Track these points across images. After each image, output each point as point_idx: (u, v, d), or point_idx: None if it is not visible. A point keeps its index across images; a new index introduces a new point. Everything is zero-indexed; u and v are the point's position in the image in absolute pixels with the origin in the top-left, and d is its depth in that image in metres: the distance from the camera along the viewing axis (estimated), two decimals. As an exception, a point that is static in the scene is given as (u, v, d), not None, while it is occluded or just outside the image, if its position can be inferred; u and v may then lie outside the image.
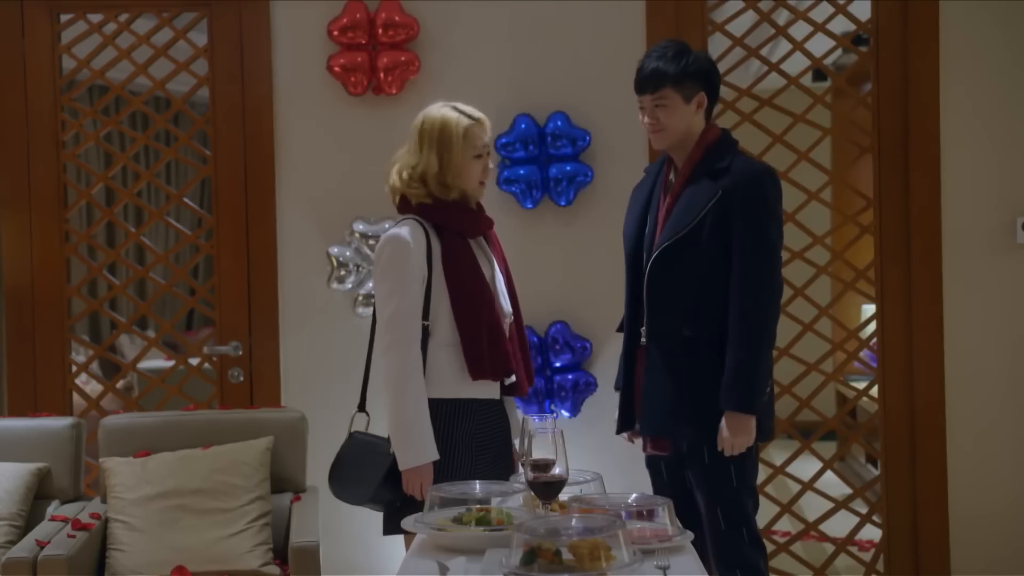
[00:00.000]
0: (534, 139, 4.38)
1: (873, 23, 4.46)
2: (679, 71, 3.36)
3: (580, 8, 4.44)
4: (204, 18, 4.58)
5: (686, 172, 3.38)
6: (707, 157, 3.37)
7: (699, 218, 3.29)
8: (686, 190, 3.36)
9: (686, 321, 3.32)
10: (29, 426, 4.14)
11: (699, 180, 3.34)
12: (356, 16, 4.40)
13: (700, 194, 3.32)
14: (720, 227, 3.28)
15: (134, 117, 8.23)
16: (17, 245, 4.59)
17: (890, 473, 4.49)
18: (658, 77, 3.36)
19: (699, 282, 3.31)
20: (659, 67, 3.36)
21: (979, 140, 4.43)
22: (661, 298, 3.35)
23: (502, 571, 2.22)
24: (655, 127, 3.39)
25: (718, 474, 3.31)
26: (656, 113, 3.37)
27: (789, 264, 4.51)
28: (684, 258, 3.30)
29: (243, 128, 4.55)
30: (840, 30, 4.63)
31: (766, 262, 3.32)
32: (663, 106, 3.36)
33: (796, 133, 4.55)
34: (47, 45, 4.58)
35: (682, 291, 3.32)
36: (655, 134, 3.41)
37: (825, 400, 6.24)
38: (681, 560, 2.46)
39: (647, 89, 3.38)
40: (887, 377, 4.49)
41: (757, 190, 3.32)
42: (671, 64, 3.36)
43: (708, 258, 3.29)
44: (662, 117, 3.37)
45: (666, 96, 3.36)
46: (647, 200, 3.49)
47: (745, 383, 3.24)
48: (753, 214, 3.29)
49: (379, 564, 4.39)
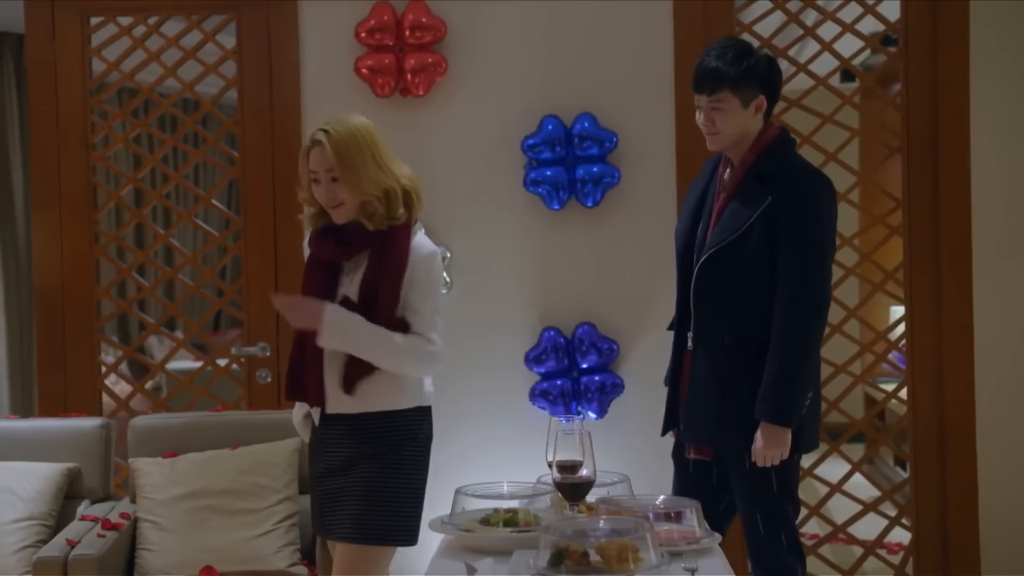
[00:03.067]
0: (561, 140, 4.38)
1: (902, 23, 4.44)
2: (739, 74, 3.24)
3: (607, 9, 4.44)
4: (232, 20, 4.60)
5: (739, 174, 3.30)
6: (761, 160, 3.28)
7: (747, 224, 3.20)
8: (737, 194, 3.27)
9: (730, 329, 3.26)
10: (59, 426, 4.17)
11: (750, 184, 3.26)
12: (383, 18, 4.40)
13: (750, 199, 3.23)
14: (768, 234, 3.19)
15: (163, 119, 8.28)
16: (48, 247, 4.62)
17: (919, 475, 4.46)
18: (716, 78, 3.24)
19: (746, 289, 3.23)
20: (719, 68, 3.24)
21: (1009, 140, 4.39)
22: (707, 303, 3.28)
23: (530, 572, 2.22)
24: (710, 129, 3.30)
25: (759, 480, 3.25)
26: (712, 115, 3.27)
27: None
28: (731, 265, 3.23)
29: (271, 130, 4.57)
30: (869, 30, 4.60)
31: (815, 272, 3.20)
32: (719, 109, 3.26)
33: (824, 134, 4.53)
34: (78, 48, 4.61)
35: (728, 298, 3.25)
36: (710, 136, 3.32)
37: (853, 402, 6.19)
38: (709, 562, 2.46)
39: (704, 89, 3.27)
40: (916, 379, 4.46)
41: (808, 198, 3.22)
42: (731, 66, 3.23)
43: (754, 266, 3.21)
44: (717, 120, 3.27)
45: (723, 99, 3.25)
46: (701, 198, 3.41)
47: (781, 395, 3.17)
48: (803, 223, 3.20)
49: (407, 564, 4.38)
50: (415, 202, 3.15)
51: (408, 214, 3.13)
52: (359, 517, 3.04)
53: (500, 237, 4.48)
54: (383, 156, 3.11)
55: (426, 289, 3.11)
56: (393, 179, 3.10)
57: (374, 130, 3.15)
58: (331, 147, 3.04)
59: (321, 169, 3.06)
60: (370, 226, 3.08)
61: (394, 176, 3.10)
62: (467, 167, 4.50)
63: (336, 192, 3.06)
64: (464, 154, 4.50)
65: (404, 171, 3.16)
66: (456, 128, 4.49)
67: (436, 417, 4.45)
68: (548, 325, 4.42)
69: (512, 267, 4.50)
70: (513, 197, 4.46)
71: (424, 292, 3.10)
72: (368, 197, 3.06)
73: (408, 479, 3.11)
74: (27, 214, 7.41)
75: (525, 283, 4.48)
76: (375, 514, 3.04)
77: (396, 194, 3.09)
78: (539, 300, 4.46)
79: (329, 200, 3.08)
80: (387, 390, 3.10)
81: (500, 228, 4.48)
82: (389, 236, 3.08)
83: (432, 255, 3.14)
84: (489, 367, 4.47)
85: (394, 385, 3.11)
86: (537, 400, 4.41)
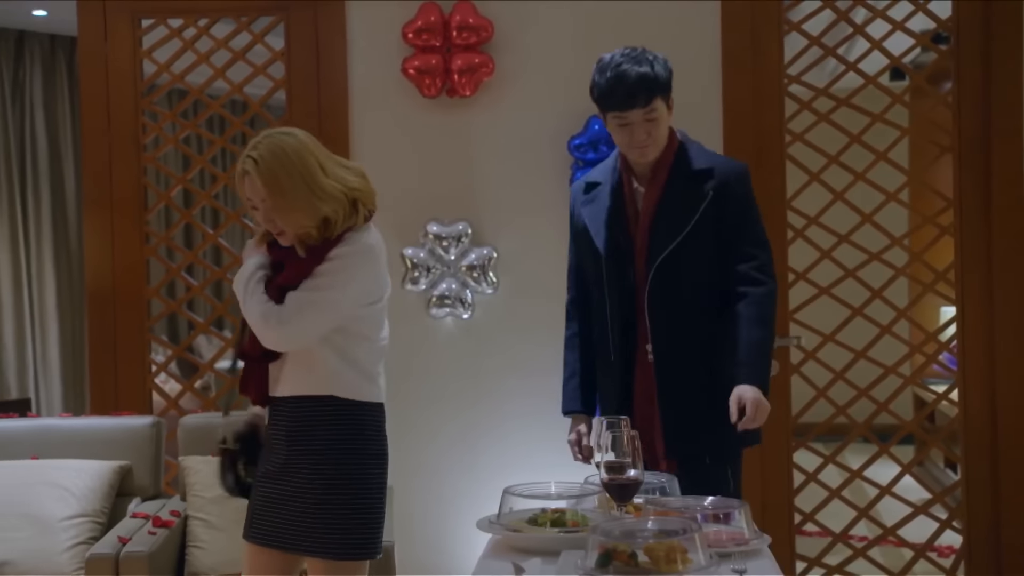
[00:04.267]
0: (607, 140, 4.37)
1: (954, 21, 4.39)
2: (667, 78, 3.10)
3: (654, 9, 4.42)
4: (281, 22, 4.63)
5: (662, 178, 3.15)
6: (679, 160, 3.16)
7: (694, 222, 3.09)
8: (667, 195, 3.13)
9: (696, 328, 3.13)
10: (111, 425, 4.22)
11: (680, 183, 3.14)
12: (431, 18, 4.42)
13: (687, 198, 3.12)
14: (714, 228, 3.11)
15: (212, 120, 8.38)
16: (99, 247, 4.67)
17: (971, 478, 4.41)
18: (650, 87, 3.06)
19: (700, 287, 3.13)
20: (647, 74, 3.06)
21: (1063, 139, 4.34)
22: (667, 309, 3.12)
23: (578, 573, 2.21)
24: (645, 141, 3.10)
25: (717, 477, 3.10)
26: (648, 127, 3.08)
27: (867, 266, 4.47)
28: (683, 265, 3.10)
29: (319, 130, 4.58)
30: (919, 28, 4.56)
31: (767, 253, 3.17)
32: (653, 119, 3.08)
33: (874, 133, 4.50)
34: (129, 50, 4.66)
35: (687, 298, 3.12)
36: (643, 149, 3.11)
37: (902, 403, 6.15)
38: (758, 563, 2.44)
39: (637, 103, 3.05)
40: (967, 380, 4.41)
41: (746, 188, 3.18)
42: (659, 71, 3.08)
43: (706, 261, 3.12)
44: (652, 130, 3.09)
45: (656, 107, 3.07)
46: (611, 212, 3.20)
47: (763, 360, 3.07)
48: (746, 210, 3.16)
49: (453, 564, 4.41)
50: (362, 208, 2.89)
51: (351, 222, 2.86)
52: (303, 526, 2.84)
53: (546, 237, 4.47)
54: (318, 178, 2.80)
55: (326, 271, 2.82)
56: (331, 202, 2.81)
57: (306, 147, 2.84)
58: (259, 178, 2.78)
59: (255, 198, 2.81)
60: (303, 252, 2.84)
61: (333, 197, 2.81)
62: (513, 167, 4.50)
63: (274, 221, 2.82)
64: (510, 154, 4.50)
65: (350, 178, 2.88)
66: (503, 128, 4.50)
67: (483, 416, 4.50)
68: (595, 325, 4.41)
69: (559, 267, 4.46)
70: (559, 197, 4.44)
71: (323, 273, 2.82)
72: (303, 229, 2.82)
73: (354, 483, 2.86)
74: (79, 215, 7.51)
75: (572, 283, 4.47)
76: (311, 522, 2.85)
77: (337, 215, 2.82)
78: (586, 300, 4.44)
79: (271, 228, 2.86)
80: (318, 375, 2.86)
81: (547, 228, 4.47)
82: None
83: (362, 247, 2.85)
84: (535, 367, 4.46)
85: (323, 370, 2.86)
86: (583, 400, 4.40)
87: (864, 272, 4.46)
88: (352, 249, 2.84)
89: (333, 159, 2.91)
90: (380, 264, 2.93)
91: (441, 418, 4.53)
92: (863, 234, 4.43)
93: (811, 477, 4.47)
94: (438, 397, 4.53)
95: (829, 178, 4.45)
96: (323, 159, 2.85)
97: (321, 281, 2.81)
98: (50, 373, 7.71)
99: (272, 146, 2.81)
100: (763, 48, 4.41)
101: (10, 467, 3.99)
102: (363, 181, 2.92)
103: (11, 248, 7.51)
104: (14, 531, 3.82)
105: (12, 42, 7.55)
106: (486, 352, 4.52)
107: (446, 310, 4.48)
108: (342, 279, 2.83)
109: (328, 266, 2.82)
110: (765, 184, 4.19)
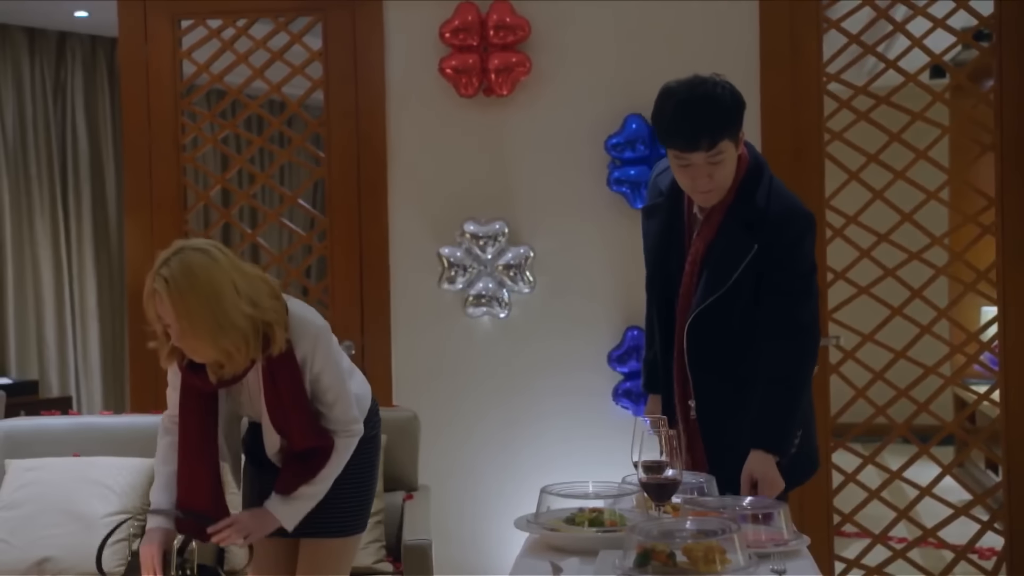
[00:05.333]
0: (645, 139, 4.36)
1: (995, 18, 4.35)
2: (736, 113, 2.80)
3: (692, 8, 4.41)
4: (319, 22, 4.65)
5: (716, 220, 2.91)
6: (738, 199, 2.89)
7: (736, 276, 2.85)
8: (719, 239, 2.90)
9: (735, 382, 2.93)
10: (151, 423, 4.21)
11: (734, 230, 2.88)
12: (467, 18, 4.42)
13: (734, 247, 2.87)
14: (755, 279, 2.87)
15: (250, 120, 8.42)
16: (140, 246, 4.71)
17: (1013, 479, 4.37)
18: (715, 127, 2.76)
19: (738, 339, 2.91)
20: (714, 113, 2.77)
21: (1107, 137, 4.28)
22: (704, 363, 2.94)
23: (616, 572, 2.21)
24: (707, 185, 2.83)
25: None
26: (711, 170, 2.80)
27: (907, 265, 4.43)
28: (720, 317, 2.89)
29: (356, 130, 4.61)
30: (960, 25, 4.52)
31: (806, 305, 2.89)
32: (718, 162, 2.79)
33: (914, 131, 4.45)
34: (169, 51, 4.70)
35: (725, 351, 2.91)
36: (707, 194, 2.86)
37: (943, 404, 6.10)
38: (797, 564, 2.43)
39: (701, 145, 2.76)
40: (1009, 381, 4.36)
41: (794, 241, 2.88)
42: (725, 105, 2.79)
43: (746, 309, 2.89)
44: (716, 173, 2.81)
45: (723, 149, 2.78)
46: (667, 231, 3.02)
47: (783, 425, 2.86)
48: (790, 263, 2.87)
49: (490, 563, 4.42)
50: (277, 334, 2.75)
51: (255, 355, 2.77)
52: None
53: (583, 237, 4.48)
54: (224, 304, 2.68)
55: (324, 369, 2.85)
56: (234, 335, 2.70)
57: (219, 265, 2.71)
58: (169, 302, 2.67)
59: (167, 318, 2.71)
60: (225, 374, 2.79)
61: (236, 328, 2.69)
62: (550, 166, 4.50)
63: (186, 343, 2.74)
64: (547, 153, 4.50)
65: (264, 300, 2.75)
66: (539, 127, 4.50)
67: (519, 415, 4.51)
68: (632, 325, 4.40)
69: (596, 267, 4.49)
70: (596, 196, 4.45)
71: (325, 374, 2.86)
72: (208, 359, 2.76)
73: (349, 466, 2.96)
74: (120, 215, 7.58)
75: (609, 283, 4.47)
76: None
77: (240, 351, 2.73)
78: (623, 300, 4.44)
79: (184, 348, 2.77)
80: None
81: (583, 228, 4.48)
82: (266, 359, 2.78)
83: (316, 334, 2.83)
84: (572, 367, 4.47)
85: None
86: (620, 400, 4.40)
87: (904, 271, 4.42)
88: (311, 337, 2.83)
89: (246, 273, 2.77)
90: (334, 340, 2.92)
91: (477, 417, 4.54)
92: (903, 233, 4.39)
93: (850, 478, 4.45)
94: (475, 396, 4.54)
95: (868, 177, 4.42)
96: (236, 277, 2.72)
97: (330, 368, 2.86)
98: (91, 372, 7.78)
99: (184, 266, 2.69)
100: (802, 46, 4.38)
101: (52, 464, 4.04)
102: (275, 302, 2.79)
103: (53, 247, 7.58)
104: (56, 527, 3.86)
105: (54, 43, 7.62)
106: (523, 351, 4.52)
107: (483, 309, 4.49)
108: (332, 364, 2.87)
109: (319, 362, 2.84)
110: (804, 183, 4.16)
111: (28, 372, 7.41)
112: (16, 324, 7.41)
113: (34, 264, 7.50)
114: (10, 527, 3.89)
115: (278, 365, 2.80)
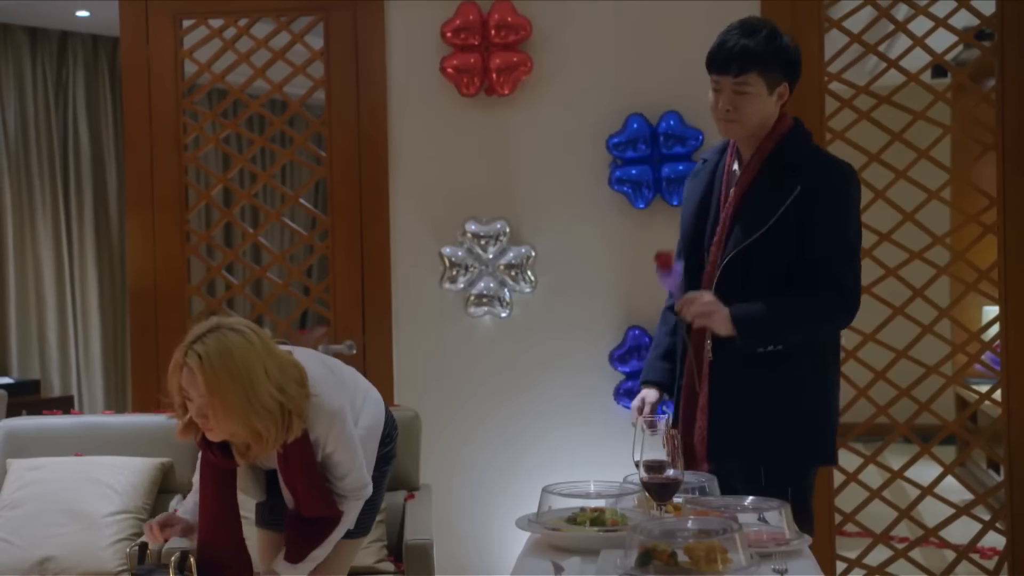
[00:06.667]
0: (646, 139, 4.36)
1: (997, 17, 4.34)
2: (769, 55, 2.99)
3: (694, 7, 4.40)
4: (320, 22, 4.65)
5: (755, 165, 3.04)
6: (779, 149, 3.03)
7: (776, 217, 2.94)
8: (757, 185, 3.01)
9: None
10: (153, 422, 4.25)
11: (772, 174, 3.00)
12: (469, 17, 4.42)
13: (775, 190, 2.97)
14: (798, 227, 2.95)
15: (252, 120, 8.43)
16: (141, 246, 4.71)
17: (1014, 478, 4.36)
18: (745, 58, 2.97)
19: (771, 284, 2.97)
20: (749, 46, 2.97)
21: (1109, 136, 4.28)
22: (734, 303, 2.96)
23: (617, 572, 2.21)
24: (731, 115, 3.01)
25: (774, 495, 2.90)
26: (735, 99, 2.99)
27: (908, 265, 4.43)
28: (756, 261, 2.97)
29: (357, 130, 4.61)
30: (962, 24, 4.51)
31: (849, 266, 2.98)
32: (744, 93, 2.99)
33: (915, 131, 4.45)
34: (170, 50, 4.70)
35: (755, 297, 2.96)
36: (728, 123, 3.03)
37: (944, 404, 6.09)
38: (798, 564, 2.43)
39: (730, 69, 2.98)
40: (1011, 380, 4.36)
41: (840, 188, 3.00)
42: (762, 45, 2.98)
43: (784, 260, 2.97)
44: (740, 105, 2.99)
45: (750, 82, 2.98)
46: (706, 191, 3.14)
47: (766, 319, 2.92)
48: (836, 214, 2.97)
49: (492, 563, 4.42)
50: (295, 423, 2.78)
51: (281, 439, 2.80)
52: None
53: (585, 236, 4.48)
54: (258, 388, 2.70)
55: (336, 449, 2.90)
56: (265, 418, 2.72)
57: (253, 348, 2.73)
58: (201, 376, 2.69)
59: (193, 394, 2.73)
60: (243, 462, 2.88)
61: (268, 412, 2.72)
62: (552, 166, 4.50)
63: (207, 420, 2.74)
64: (549, 153, 4.50)
65: (290, 386, 2.77)
66: (541, 127, 4.50)
67: (521, 415, 4.51)
68: (633, 324, 4.40)
69: (597, 266, 4.49)
70: (598, 196, 4.45)
71: (337, 453, 2.91)
72: (236, 438, 2.79)
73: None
74: (121, 214, 7.59)
75: (610, 282, 4.47)
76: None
77: (269, 434, 2.75)
78: (624, 299, 4.44)
79: (202, 425, 2.77)
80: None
81: (585, 227, 4.47)
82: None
83: (331, 420, 2.86)
84: (573, 366, 4.47)
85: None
86: (622, 399, 4.39)
87: (905, 271, 4.42)
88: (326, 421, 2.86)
89: (277, 358, 2.79)
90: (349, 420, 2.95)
91: (479, 417, 4.54)
92: (904, 232, 4.39)
93: (851, 477, 4.44)
94: (476, 396, 4.54)
95: (870, 176, 4.41)
96: (268, 362, 2.75)
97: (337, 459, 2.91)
98: (92, 371, 7.79)
99: (220, 345, 2.70)
100: (803, 45, 4.30)
101: (53, 464, 4.04)
102: (300, 389, 2.81)
103: (54, 247, 7.59)
104: (58, 527, 3.87)
105: (55, 43, 7.63)
106: (524, 351, 4.52)
107: (484, 309, 4.49)
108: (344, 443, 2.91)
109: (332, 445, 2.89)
110: (805, 182, 4.16)
111: (30, 371, 7.42)
112: (18, 323, 7.42)
113: (36, 263, 7.51)
114: (12, 527, 3.89)
115: (291, 448, 2.84)
